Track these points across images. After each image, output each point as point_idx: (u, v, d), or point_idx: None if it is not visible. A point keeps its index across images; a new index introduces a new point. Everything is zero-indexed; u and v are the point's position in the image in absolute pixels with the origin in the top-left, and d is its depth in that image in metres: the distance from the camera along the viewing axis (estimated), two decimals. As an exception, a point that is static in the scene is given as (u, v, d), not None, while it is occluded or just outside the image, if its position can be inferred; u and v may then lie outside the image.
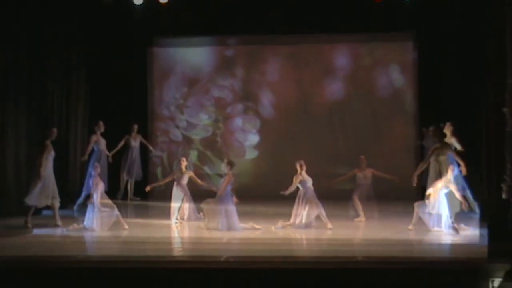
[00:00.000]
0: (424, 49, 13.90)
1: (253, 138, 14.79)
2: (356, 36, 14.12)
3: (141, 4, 12.63)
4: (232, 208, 10.34)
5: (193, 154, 14.76)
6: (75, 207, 12.25)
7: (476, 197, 11.13)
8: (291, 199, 10.70)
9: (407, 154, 13.78)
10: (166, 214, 11.10)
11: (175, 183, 11.10)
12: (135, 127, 13.68)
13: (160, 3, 12.60)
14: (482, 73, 10.26)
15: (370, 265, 7.93)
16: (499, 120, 8.44)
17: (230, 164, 10.54)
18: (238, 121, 14.84)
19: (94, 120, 13.11)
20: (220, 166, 14.18)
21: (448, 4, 12.79)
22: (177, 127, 14.86)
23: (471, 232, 9.85)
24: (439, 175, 10.07)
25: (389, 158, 13.59)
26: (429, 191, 9.93)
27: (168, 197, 11.31)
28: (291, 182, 10.52)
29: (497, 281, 7.36)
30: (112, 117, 13.41)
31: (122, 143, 13.47)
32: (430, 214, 9.87)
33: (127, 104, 14.23)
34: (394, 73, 14.46)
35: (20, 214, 10.76)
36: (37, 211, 10.98)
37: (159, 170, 14.76)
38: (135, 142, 13.69)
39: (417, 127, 13.81)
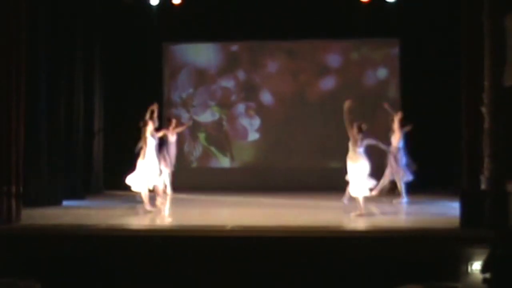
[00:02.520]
0: (408, 48, 14.61)
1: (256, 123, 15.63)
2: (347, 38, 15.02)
3: (156, 5, 13.57)
4: None
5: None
6: None
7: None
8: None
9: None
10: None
11: None
12: (173, 121, 13.44)
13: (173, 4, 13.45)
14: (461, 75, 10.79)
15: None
16: (477, 117, 9.18)
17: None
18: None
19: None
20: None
21: (429, 7, 13.50)
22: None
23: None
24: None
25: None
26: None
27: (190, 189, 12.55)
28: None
29: (475, 265, 7.92)
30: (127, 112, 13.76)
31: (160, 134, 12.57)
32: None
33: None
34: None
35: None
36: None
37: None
38: (173, 136, 13.31)
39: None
